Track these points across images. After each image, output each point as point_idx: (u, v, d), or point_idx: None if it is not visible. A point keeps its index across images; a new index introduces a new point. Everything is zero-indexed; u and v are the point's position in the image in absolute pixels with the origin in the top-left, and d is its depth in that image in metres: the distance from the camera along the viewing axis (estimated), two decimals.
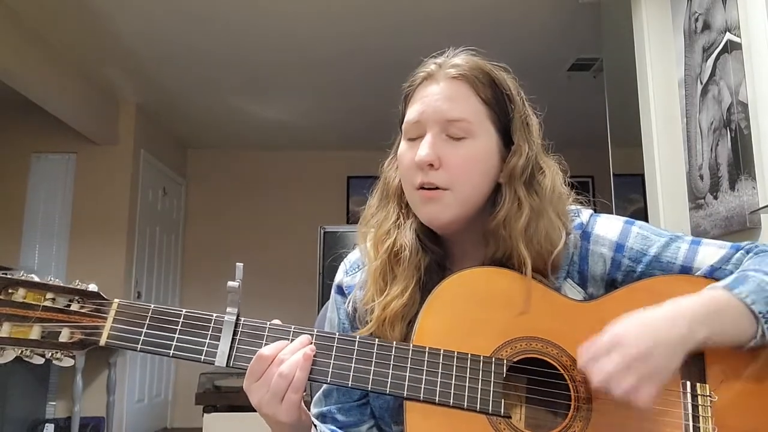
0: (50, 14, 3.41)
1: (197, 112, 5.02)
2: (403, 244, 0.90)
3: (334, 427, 0.94)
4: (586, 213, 0.93)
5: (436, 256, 0.92)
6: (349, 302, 0.95)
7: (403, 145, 0.91)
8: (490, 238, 0.88)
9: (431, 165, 0.85)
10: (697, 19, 2.13)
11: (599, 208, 0.98)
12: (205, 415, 3.62)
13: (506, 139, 0.90)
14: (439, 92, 0.88)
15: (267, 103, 4.78)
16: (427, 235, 0.92)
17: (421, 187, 0.86)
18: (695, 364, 0.80)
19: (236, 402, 3.60)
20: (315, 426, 0.90)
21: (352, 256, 1.01)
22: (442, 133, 0.87)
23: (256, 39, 3.69)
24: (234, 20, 3.47)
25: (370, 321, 0.89)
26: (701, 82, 2.10)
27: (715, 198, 2.01)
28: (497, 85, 0.89)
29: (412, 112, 0.89)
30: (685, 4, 2.21)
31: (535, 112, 0.93)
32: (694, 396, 0.80)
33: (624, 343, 0.73)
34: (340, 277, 1.00)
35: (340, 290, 0.99)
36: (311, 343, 0.81)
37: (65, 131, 4.32)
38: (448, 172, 0.85)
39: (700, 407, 0.79)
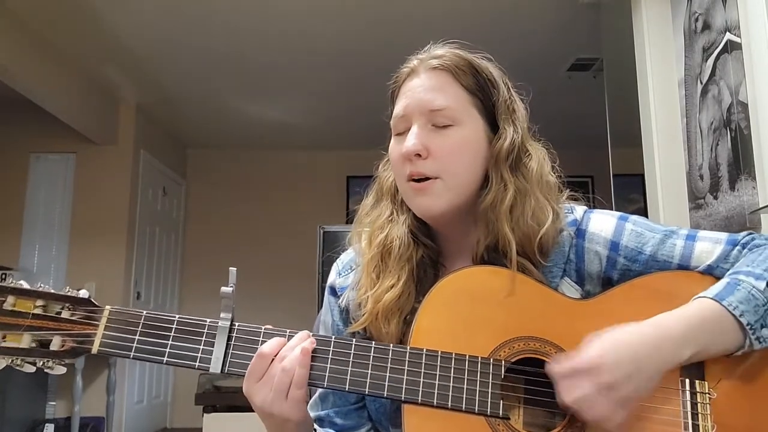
0: (50, 14, 3.41)
1: (197, 112, 5.01)
2: (394, 238, 0.90)
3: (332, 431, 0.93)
4: (579, 210, 0.93)
5: (429, 250, 0.92)
6: (343, 298, 0.95)
7: (392, 141, 0.92)
8: (480, 223, 0.88)
9: (419, 155, 0.86)
10: (697, 19, 2.13)
11: (599, 208, 0.97)
12: (204, 415, 3.62)
13: (493, 125, 0.90)
14: (422, 84, 0.88)
15: (267, 103, 4.78)
16: (420, 230, 0.92)
17: (411, 179, 0.87)
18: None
19: (236, 402, 3.59)
20: (315, 430, 0.90)
21: (345, 257, 1.01)
22: (427, 123, 0.87)
23: (256, 39, 3.69)
24: (234, 20, 3.46)
25: (363, 315, 0.88)
26: (701, 82, 2.10)
27: (715, 198, 2.01)
28: (479, 72, 0.89)
29: (398, 108, 0.90)
30: (685, 4, 2.21)
31: (522, 98, 0.94)
32: (693, 393, 0.79)
33: (601, 369, 0.72)
34: (332, 278, 0.99)
35: (333, 291, 0.98)
36: (309, 338, 0.80)
37: (64, 131, 4.32)
38: (437, 160, 0.86)
39: (699, 404, 0.79)
